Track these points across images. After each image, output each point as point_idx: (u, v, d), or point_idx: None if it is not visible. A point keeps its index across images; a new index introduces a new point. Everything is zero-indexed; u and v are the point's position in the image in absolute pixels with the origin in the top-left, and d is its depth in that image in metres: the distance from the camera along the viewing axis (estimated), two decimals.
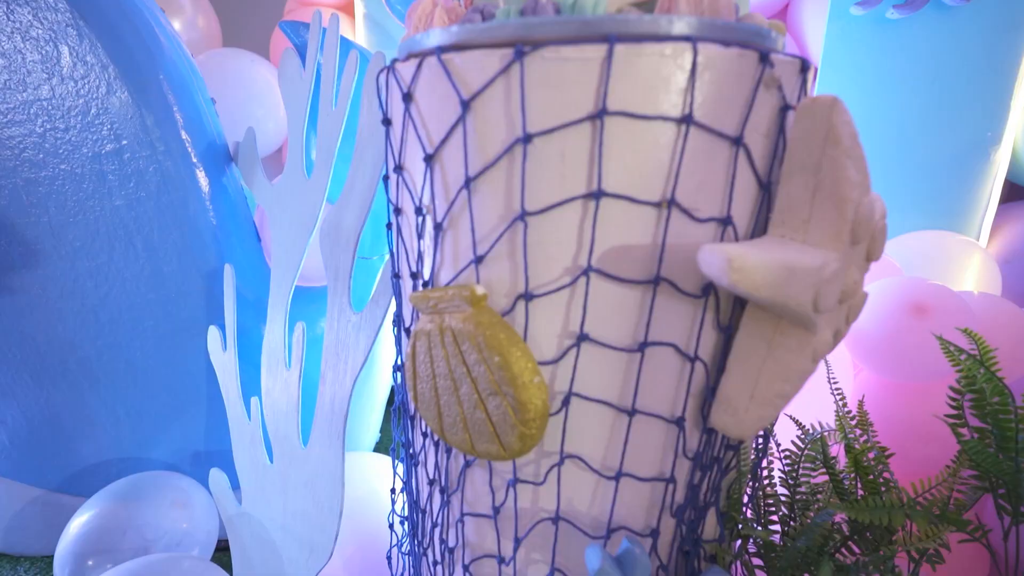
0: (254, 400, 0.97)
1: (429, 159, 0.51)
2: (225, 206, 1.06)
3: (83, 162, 0.99)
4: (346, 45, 0.99)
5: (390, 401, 1.42)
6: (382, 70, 0.58)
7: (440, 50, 0.49)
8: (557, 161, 0.46)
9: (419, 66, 0.50)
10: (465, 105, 0.47)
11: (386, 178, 0.62)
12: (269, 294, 0.95)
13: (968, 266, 1.14)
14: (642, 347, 0.50)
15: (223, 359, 1.03)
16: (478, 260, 0.50)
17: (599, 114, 0.44)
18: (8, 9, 0.90)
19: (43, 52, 0.93)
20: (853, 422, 0.78)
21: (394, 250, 0.63)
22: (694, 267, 0.47)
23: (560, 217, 0.47)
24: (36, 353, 1.09)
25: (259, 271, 1.11)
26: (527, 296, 0.49)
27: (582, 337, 0.49)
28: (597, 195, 0.46)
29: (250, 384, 1.01)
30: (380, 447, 1.38)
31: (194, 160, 1.01)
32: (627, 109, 0.44)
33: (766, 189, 0.50)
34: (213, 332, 1.04)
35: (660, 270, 0.48)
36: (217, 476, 1.04)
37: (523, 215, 0.47)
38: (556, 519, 0.55)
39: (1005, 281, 1.25)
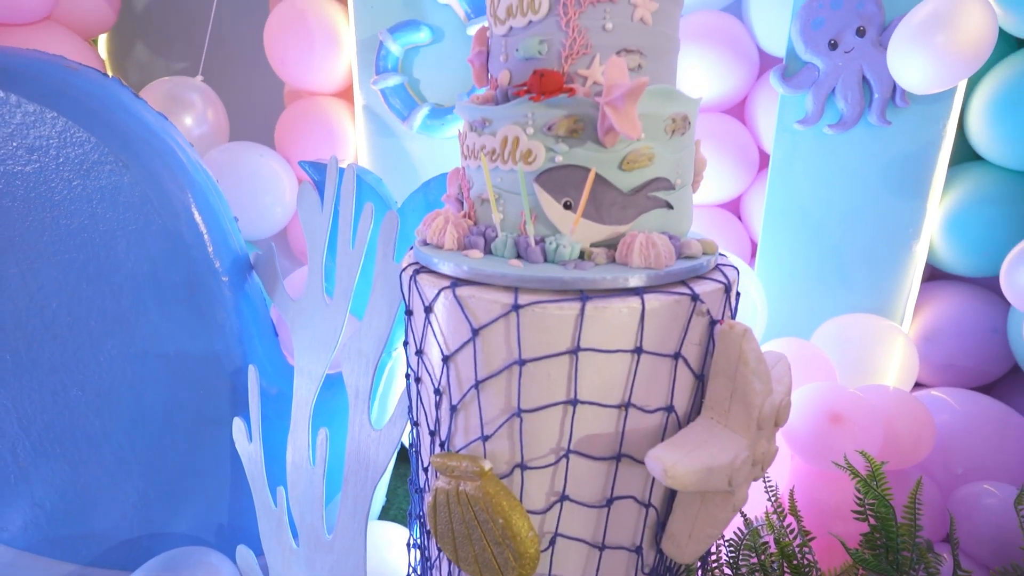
0: (280, 489, 1.11)
1: (446, 359, 0.67)
2: (248, 311, 1.19)
3: (122, 282, 1.12)
4: (361, 191, 1.13)
5: (396, 464, 1.56)
6: (404, 269, 0.73)
7: (455, 283, 0.64)
8: (544, 378, 0.62)
9: (439, 292, 0.65)
10: (475, 332, 0.63)
11: (405, 344, 0.78)
12: (293, 399, 1.09)
13: (891, 348, 1.34)
14: (609, 502, 0.66)
15: (249, 449, 1.17)
16: (485, 438, 0.66)
17: (575, 350, 0.60)
18: (59, 164, 1.03)
19: (90, 197, 1.05)
20: (785, 511, 0.97)
21: (413, 407, 0.78)
22: (647, 445, 0.63)
23: (547, 414, 0.63)
24: (75, 446, 1.21)
25: (278, 365, 1.25)
26: (522, 467, 0.65)
27: (563, 498, 0.66)
28: (574, 402, 0.62)
29: (269, 466, 1.15)
30: (387, 512, 1.52)
31: (222, 276, 1.15)
32: (595, 346, 0.60)
33: (700, 379, 0.67)
34: (238, 424, 1.17)
35: (621, 449, 0.65)
36: (244, 553, 1.17)
37: (519, 412, 0.63)
38: None
39: (927, 355, 1.45)
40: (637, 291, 0.61)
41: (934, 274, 1.57)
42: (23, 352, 1.16)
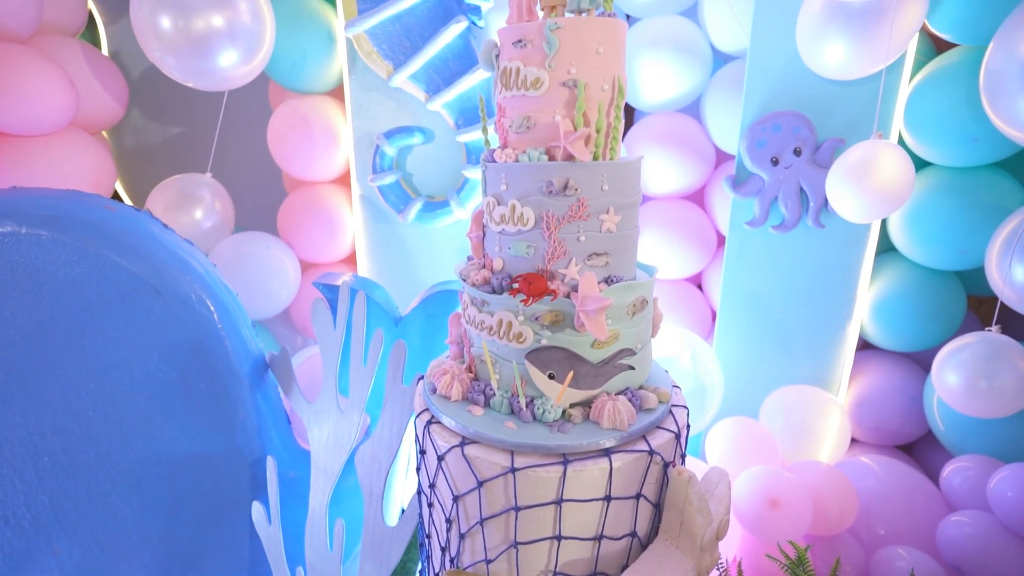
0: (299, 569, 1.25)
1: (456, 499, 0.83)
2: (265, 408, 1.33)
3: (153, 388, 1.25)
4: (374, 314, 1.29)
5: None
6: (419, 415, 0.89)
7: (463, 442, 0.81)
8: (535, 520, 0.79)
9: (449, 448, 0.82)
10: (480, 484, 0.79)
11: (418, 469, 0.94)
12: (310, 491, 1.24)
13: (829, 419, 1.55)
14: None
15: (268, 531, 1.31)
16: (488, 561, 0.83)
17: (559, 501, 0.77)
18: (99, 293, 1.15)
19: (127, 320, 1.18)
20: None
21: (425, 523, 0.94)
22: (617, 564, 0.81)
23: (538, 545, 0.80)
24: (105, 532, 1.33)
25: (293, 452, 1.39)
26: None
27: None
28: (559, 537, 0.79)
29: (287, 544, 1.29)
30: None
31: (243, 380, 1.29)
32: (574, 497, 0.78)
33: (657, 507, 0.85)
34: (257, 507, 1.31)
35: (596, 568, 0.82)
36: None
37: (515, 544, 0.80)
38: None
39: (859, 419, 1.67)
40: (607, 452, 0.79)
41: (867, 344, 1.80)
42: (60, 454, 1.27)
